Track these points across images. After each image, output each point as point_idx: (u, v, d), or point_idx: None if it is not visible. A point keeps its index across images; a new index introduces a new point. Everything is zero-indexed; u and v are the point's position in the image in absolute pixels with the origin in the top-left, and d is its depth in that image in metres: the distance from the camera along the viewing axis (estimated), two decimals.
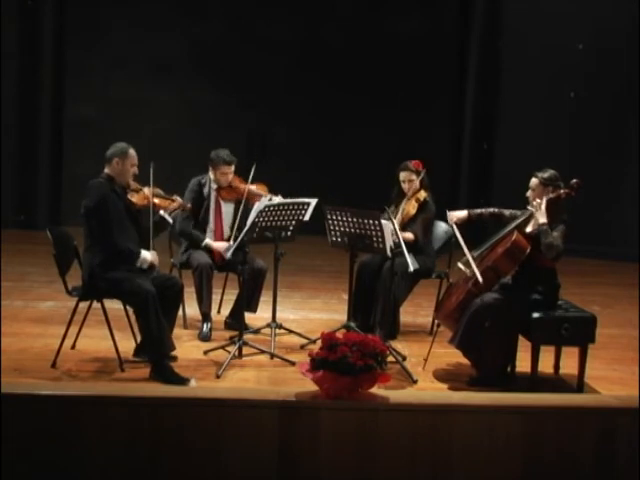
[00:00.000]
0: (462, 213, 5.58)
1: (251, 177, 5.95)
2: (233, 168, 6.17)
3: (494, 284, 5.25)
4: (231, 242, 5.90)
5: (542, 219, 5.10)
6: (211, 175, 6.25)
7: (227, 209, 6.27)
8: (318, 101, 11.34)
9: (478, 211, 5.60)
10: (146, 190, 5.42)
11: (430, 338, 5.70)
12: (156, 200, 5.44)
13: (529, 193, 5.29)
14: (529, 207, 5.27)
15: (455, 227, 5.47)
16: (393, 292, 5.82)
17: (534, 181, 5.27)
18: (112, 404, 4.29)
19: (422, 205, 6.21)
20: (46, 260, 5.65)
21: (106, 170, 5.28)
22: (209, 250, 6.17)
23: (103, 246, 5.13)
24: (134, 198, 5.37)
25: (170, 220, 5.50)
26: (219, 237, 6.23)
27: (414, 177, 6.21)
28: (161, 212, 5.43)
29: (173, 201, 5.60)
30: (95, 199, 5.12)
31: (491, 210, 5.57)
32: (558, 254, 5.05)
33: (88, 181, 5.28)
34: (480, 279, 5.09)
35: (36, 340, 5.80)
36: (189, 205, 5.97)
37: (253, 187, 6.06)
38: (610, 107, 10.43)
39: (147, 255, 5.23)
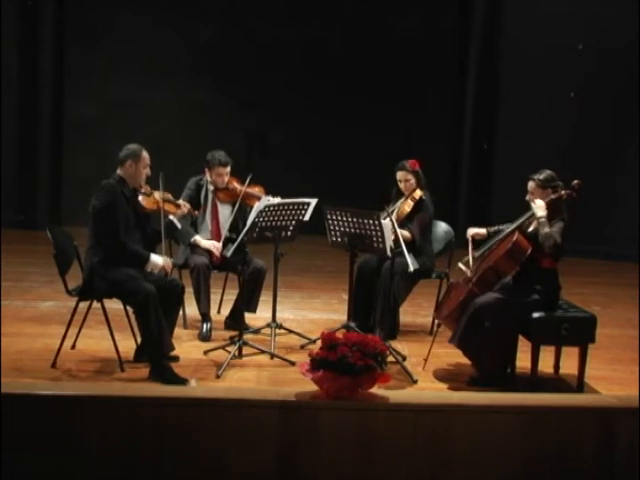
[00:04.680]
0: (481, 230, 5.57)
1: (246, 184, 5.95)
2: (229, 169, 6.19)
3: (495, 284, 5.25)
4: (221, 242, 6.05)
5: (540, 212, 5.12)
6: (207, 177, 6.26)
7: (224, 210, 6.27)
8: (318, 101, 11.32)
9: (494, 228, 5.58)
10: (156, 195, 5.44)
11: (430, 338, 5.70)
12: (166, 206, 5.44)
13: (528, 197, 5.29)
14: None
15: (470, 240, 5.48)
16: (393, 292, 5.84)
17: (531, 184, 5.27)
18: (112, 404, 4.28)
19: (418, 204, 6.21)
20: (46, 260, 5.66)
21: (118, 171, 5.27)
22: (208, 250, 6.17)
23: (111, 246, 5.12)
24: (144, 202, 5.38)
25: (179, 225, 5.55)
26: (216, 238, 6.22)
27: (410, 177, 6.22)
28: (171, 217, 5.47)
29: (183, 206, 5.65)
30: (105, 201, 5.12)
31: (505, 225, 5.54)
32: (556, 246, 5.02)
33: (89, 180, 5.29)
34: (469, 273, 5.16)
35: (36, 340, 5.80)
36: (197, 212, 5.99)
37: (250, 189, 6.07)
38: (610, 107, 10.42)
39: (158, 260, 5.22)
